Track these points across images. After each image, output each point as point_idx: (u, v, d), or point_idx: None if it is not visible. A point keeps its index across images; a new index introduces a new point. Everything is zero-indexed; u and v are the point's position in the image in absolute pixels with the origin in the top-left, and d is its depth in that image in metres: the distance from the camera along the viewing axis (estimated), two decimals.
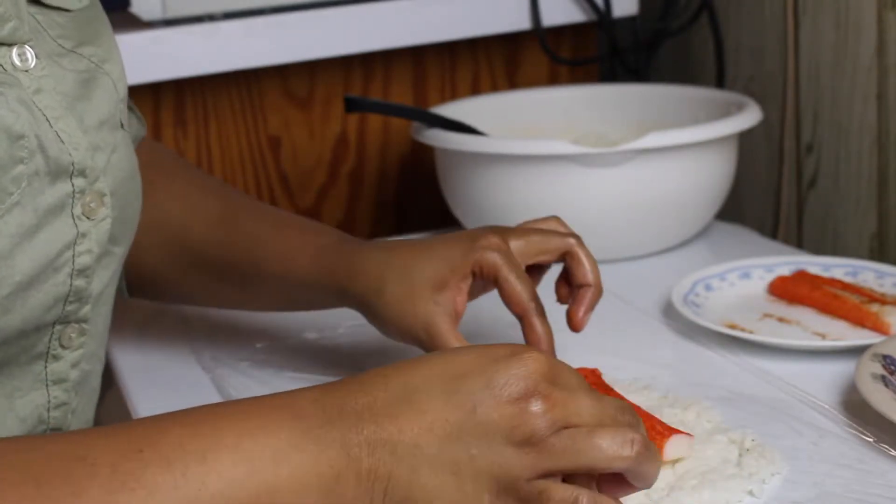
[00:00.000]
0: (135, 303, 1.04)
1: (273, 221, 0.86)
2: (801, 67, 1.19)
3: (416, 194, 1.36)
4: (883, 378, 0.76)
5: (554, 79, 1.39)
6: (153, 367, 0.94)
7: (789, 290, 0.97)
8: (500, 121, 1.23)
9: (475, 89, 1.36)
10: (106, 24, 0.73)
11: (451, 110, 1.18)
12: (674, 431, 0.70)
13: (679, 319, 0.94)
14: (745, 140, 1.22)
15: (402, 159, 1.35)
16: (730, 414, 0.77)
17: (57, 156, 0.62)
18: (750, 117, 1.09)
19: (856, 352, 0.84)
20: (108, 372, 0.92)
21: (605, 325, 0.96)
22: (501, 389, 0.55)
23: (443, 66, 1.34)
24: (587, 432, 0.55)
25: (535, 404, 0.54)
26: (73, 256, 0.64)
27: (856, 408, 0.77)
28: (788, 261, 1.02)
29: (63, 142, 0.63)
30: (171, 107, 1.24)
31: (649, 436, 0.69)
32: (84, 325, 0.68)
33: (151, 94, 1.21)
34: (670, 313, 0.96)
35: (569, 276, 0.81)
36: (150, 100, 1.21)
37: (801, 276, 0.99)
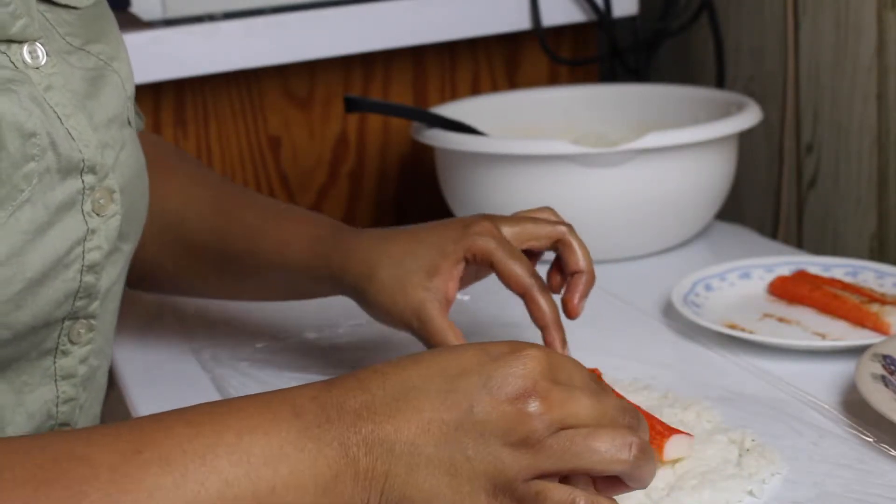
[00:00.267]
0: (135, 302, 1.05)
1: (269, 211, 0.87)
2: (801, 67, 1.19)
3: (416, 194, 1.36)
4: (883, 378, 0.76)
5: (554, 79, 1.39)
6: (153, 366, 0.94)
7: (789, 290, 0.97)
8: (500, 121, 1.23)
9: (475, 89, 1.36)
10: (113, 22, 0.74)
11: (451, 110, 1.18)
12: (674, 431, 0.70)
13: (679, 319, 0.94)
14: (745, 140, 1.22)
15: (402, 159, 1.35)
16: (730, 414, 0.77)
17: (68, 153, 0.63)
18: (750, 117, 1.09)
19: (856, 352, 0.84)
20: (109, 371, 0.92)
21: (605, 325, 0.96)
22: (499, 389, 0.55)
23: (443, 66, 1.34)
24: (585, 434, 0.55)
25: (532, 404, 0.54)
26: (83, 253, 0.65)
27: (856, 408, 0.77)
28: (788, 261, 1.02)
29: (74, 139, 0.63)
30: (171, 107, 1.24)
31: (649, 435, 0.70)
32: (92, 321, 0.68)
33: (151, 94, 1.21)
34: (670, 313, 0.96)
35: (561, 264, 0.81)
36: (150, 100, 1.21)
37: (801, 276, 0.99)
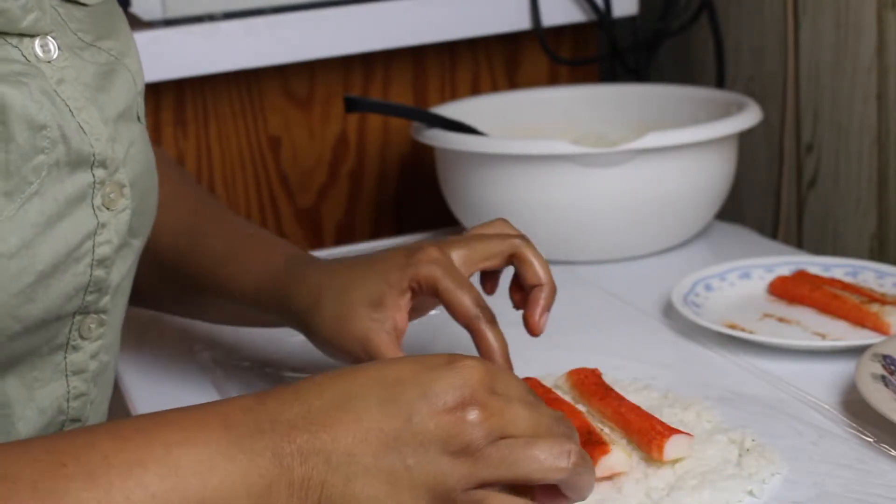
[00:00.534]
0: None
1: (233, 237, 0.86)
2: (801, 67, 1.19)
3: (416, 194, 1.36)
4: (883, 378, 0.76)
5: (554, 79, 1.39)
6: (153, 367, 0.94)
7: (789, 290, 0.97)
8: (500, 121, 1.23)
9: (475, 89, 1.36)
10: (123, 19, 0.74)
11: (451, 110, 1.18)
12: (674, 431, 0.70)
13: (679, 319, 0.94)
14: (745, 140, 1.22)
15: (402, 159, 1.35)
16: (730, 414, 0.77)
17: (78, 146, 0.63)
18: (750, 117, 1.09)
19: (856, 352, 0.84)
20: None
21: (605, 325, 0.96)
22: (437, 398, 0.55)
23: (443, 66, 1.34)
24: (524, 443, 0.55)
25: (471, 413, 0.54)
26: (94, 247, 0.65)
27: (856, 408, 0.77)
28: (788, 261, 1.02)
29: (85, 132, 0.64)
30: (171, 107, 1.24)
31: (649, 435, 0.70)
32: (103, 316, 0.68)
33: (151, 94, 1.21)
34: (670, 313, 0.96)
35: (520, 279, 0.78)
36: (150, 100, 1.21)
37: (801, 276, 0.99)
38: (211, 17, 1.18)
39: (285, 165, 1.30)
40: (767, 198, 1.27)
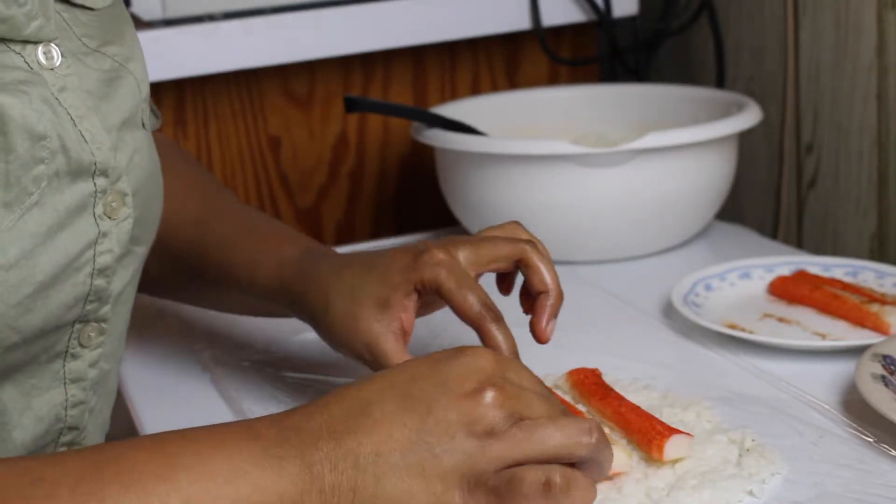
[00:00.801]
0: (135, 303, 1.04)
1: (245, 227, 0.86)
2: (801, 67, 1.19)
3: (416, 194, 1.36)
4: (883, 378, 0.76)
5: (554, 79, 1.39)
6: (153, 367, 0.94)
7: (789, 290, 0.97)
8: (500, 121, 1.23)
9: (475, 89, 1.36)
10: (129, 23, 0.74)
11: (451, 110, 1.18)
12: (674, 431, 0.69)
13: (679, 319, 0.94)
14: (745, 140, 1.22)
15: (402, 159, 1.35)
16: (730, 414, 0.77)
17: (78, 156, 0.62)
18: (750, 117, 1.09)
19: (856, 352, 0.84)
20: None
21: (605, 325, 0.96)
22: (454, 386, 0.56)
23: (443, 66, 1.34)
24: (547, 421, 0.56)
25: (489, 396, 0.55)
26: (94, 256, 0.65)
27: (856, 408, 0.77)
28: (788, 261, 1.02)
29: (86, 141, 0.63)
30: (171, 107, 1.24)
31: (649, 435, 0.70)
32: (103, 325, 0.68)
33: (151, 94, 1.21)
34: (670, 313, 0.96)
35: (527, 284, 0.77)
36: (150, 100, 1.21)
37: (801, 276, 0.99)
38: (211, 17, 1.18)
39: (285, 165, 1.30)
40: (767, 198, 1.27)
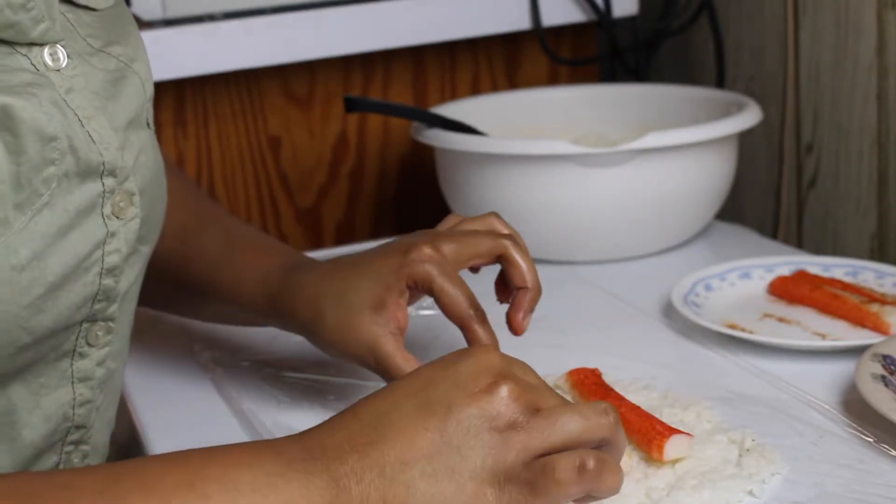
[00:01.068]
0: None
1: (230, 241, 0.86)
2: (801, 67, 1.19)
3: (416, 194, 1.36)
4: (883, 378, 0.76)
5: (554, 79, 1.39)
6: (153, 369, 0.94)
7: (789, 290, 0.97)
8: (500, 121, 1.23)
9: (475, 89, 1.36)
10: (132, 24, 0.74)
11: (451, 110, 1.18)
12: (674, 431, 0.70)
13: (679, 319, 0.94)
14: (745, 140, 1.22)
15: (402, 159, 1.35)
16: (730, 414, 0.77)
17: (87, 156, 0.62)
18: (750, 117, 1.09)
19: (856, 352, 0.84)
20: None
21: (605, 325, 0.96)
22: (469, 384, 0.56)
23: (443, 66, 1.34)
24: (565, 407, 0.56)
25: (505, 390, 0.55)
26: (103, 256, 0.65)
27: (856, 408, 0.77)
28: (788, 261, 1.02)
29: (94, 142, 0.63)
30: (171, 107, 1.24)
31: (649, 435, 0.70)
32: (111, 324, 0.68)
33: None
34: (670, 313, 0.96)
35: (506, 278, 0.79)
36: None
37: (801, 276, 0.99)
38: (211, 17, 1.18)
39: (285, 165, 1.30)
40: (767, 198, 1.27)
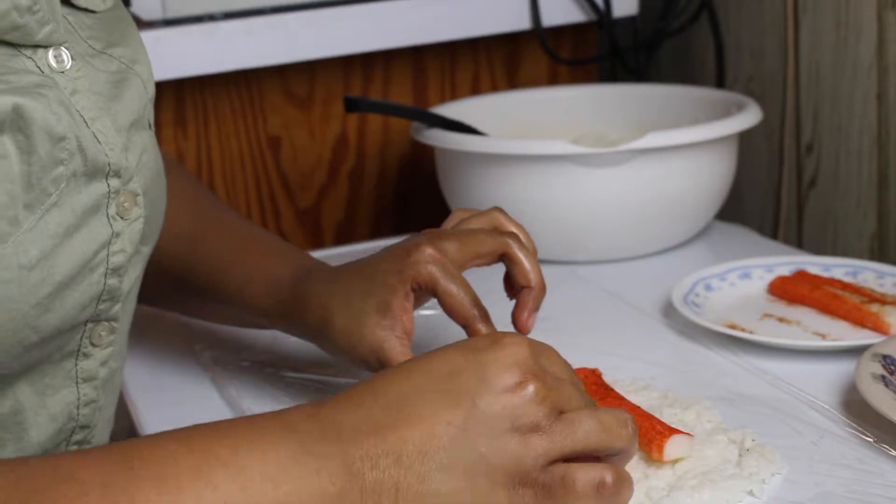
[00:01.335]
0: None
1: (238, 244, 0.86)
2: (801, 67, 1.19)
3: (416, 194, 1.36)
4: (883, 378, 0.76)
5: (554, 79, 1.39)
6: (154, 368, 0.94)
7: (789, 290, 0.97)
8: (500, 121, 1.23)
9: (475, 89, 1.36)
10: (132, 25, 0.74)
11: (451, 110, 1.18)
12: (674, 431, 0.70)
13: (679, 319, 0.94)
14: (745, 140, 1.22)
15: (402, 159, 1.35)
16: (730, 414, 0.77)
17: (94, 157, 0.63)
18: (750, 117, 1.09)
19: (856, 352, 0.84)
20: None
21: (605, 325, 0.96)
22: (496, 380, 0.55)
23: (443, 66, 1.34)
24: (588, 414, 0.55)
25: (531, 389, 0.55)
26: (108, 256, 0.65)
27: (856, 408, 0.77)
28: (788, 261, 1.02)
29: (100, 142, 0.63)
30: (171, 107, 1.24)
31: (649, 435, 0.70)
32: (114, 324, 0.68)
33: None
34: (670, 313, 0.96)
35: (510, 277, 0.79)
36: None
37: (801, 276, 0.99)
38: (211, 17, 1.18)
39: (285, 165, 1.30)
40: (767, 198, 1.27)
